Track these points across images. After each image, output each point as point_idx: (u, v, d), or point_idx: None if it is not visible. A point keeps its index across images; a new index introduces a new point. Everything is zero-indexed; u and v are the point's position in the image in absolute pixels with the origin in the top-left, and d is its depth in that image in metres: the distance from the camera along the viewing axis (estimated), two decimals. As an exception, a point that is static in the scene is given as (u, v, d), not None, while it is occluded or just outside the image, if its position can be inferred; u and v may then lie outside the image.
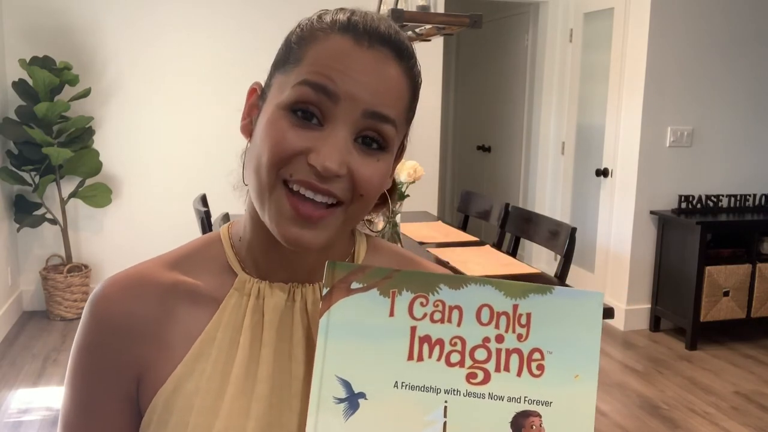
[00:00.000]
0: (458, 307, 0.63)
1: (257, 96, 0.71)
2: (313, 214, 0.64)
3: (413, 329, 0.63)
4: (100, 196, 4.02)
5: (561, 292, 0.63)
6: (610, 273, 4.24)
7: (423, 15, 2.52)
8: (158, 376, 0.69)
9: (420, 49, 4.64)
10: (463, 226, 3.60)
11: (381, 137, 0.66)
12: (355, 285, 0.64)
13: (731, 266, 3.82)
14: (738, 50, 4.03)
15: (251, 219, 0.72)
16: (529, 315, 0.63)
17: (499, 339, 0.63)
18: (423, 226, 3.30)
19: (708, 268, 3.77)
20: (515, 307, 0.63)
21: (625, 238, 4.12)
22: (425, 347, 0.62)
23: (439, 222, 3.47)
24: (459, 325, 0.63)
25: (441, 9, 3.93)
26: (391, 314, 0.63)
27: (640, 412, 3.08)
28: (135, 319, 0.70)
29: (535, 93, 4.99)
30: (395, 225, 2.70)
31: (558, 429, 0.61)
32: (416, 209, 3.83)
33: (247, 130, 0.71)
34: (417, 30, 2.85)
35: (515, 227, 3.17)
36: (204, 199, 3.05)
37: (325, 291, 0.64)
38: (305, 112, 0.64)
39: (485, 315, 0.63)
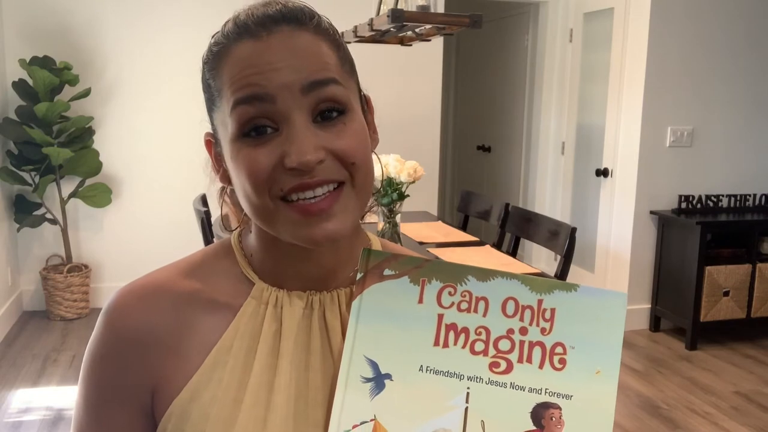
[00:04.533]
0: (484, 299, 0.65)
1: (213, 144, 0.71)
2: (322, 205, 0.63)
3: (440, 317, 0.65)
4: (100, 196, 4.02)
5: (586, 290, 0.65)
6: (610, 273, 4.24)
7: (423, 15, 2.52)
8: (174, 386, 0.67)
9: (420, 49, 4.61)
10: (463, 226, 3.60)
11: (334, 102, 0.64)
12: (387, 272, 0.66)
13: (731, 266, 3.82)
14: (738, 50, 4.03)
15: (258, 234, 0.72)
16: (553, 310, 0.65)
17: (523, 331, 0.65)
18: (423, 226, 3.30)
19: (708, 268, 3.77)
20: (540, 302, 0.65)
21: (625, 238, 4.12)
22: (451, 334, 0.65)
23: (439, 222, 3.47)
24: (485, 315, 0.65)
25: (441, 9, 3.92)
26: (420, 301, 0.65)
27: (640, 412, 3.08)
28: (151, 330, 0.69)
29: (535, 93, 4.99)
30: (395, 225, 2.70)
31: (578, 422, 0.63)
32: (416, 209, 3.83)
33: (225, 177, 0.71)
34: (417, 30, 2.85)
35: (515, 227, 3.17)
36: (204, 199, 3.05)
37: (359, 276, 0.66)
38: (256, 129, 0.63)
39: (510, 307, 0.65)
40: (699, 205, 4.02)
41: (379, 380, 0.63)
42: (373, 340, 0.64)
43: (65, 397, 3.05)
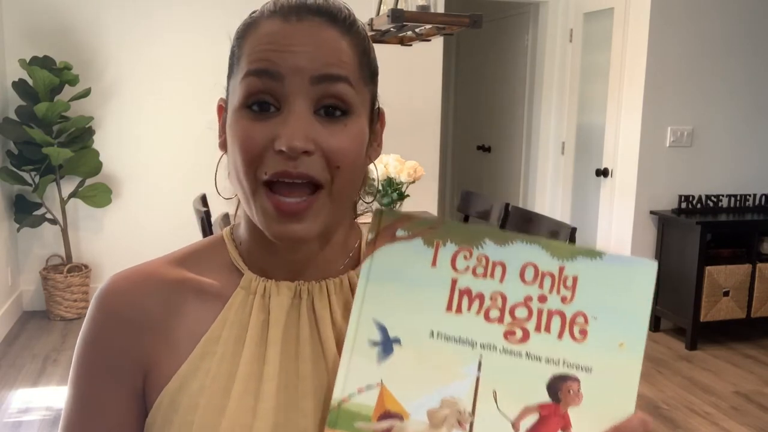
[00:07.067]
0: (502, 264, 0.62)
1: (224, 110, 0.72)
2: (295, 208, 0.64)
3: (454, 281, 0.62)
4: (100, 196, 4.02)
5: (613, 258, 0.61)
6: (610, 273, 4.24)
7: (423, 15, 2.52)
8: (164, 374, 0.68)
9: (420, 49, 4.62)
10: (463, 226, 3.59)
11: (340, 100, 0.64)
12: (400, 233, 0.63)
13: (731, 266, 3.82)
14: (738, 50, 4.03)
15: (247, 223, 0.72)
16: (575, 278, 0.61)
17: (542, 299, 0.61)
18: (423, 226, 3.30)
19: (708, 268, 3.77)
20: (561, 268, 0.62)
21: (625, 238, 4.12)
22: (465, 300, 0.61)
23: (439, 222, 3.47)
24: (501, 281, 0.62)
25: (441, 9, 3.92)
26: (434, 264, 0.62)
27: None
28: (142, 311, 0.69)
29: (535, 93, 4.99)
30: (395, 225, 2.69)
31: (598, 396, 0.60)
32: (416, 209, 3.83)
33: (224, 144, 0.72)
34: (417, 30, 2.85)
35: (515, 227, 3.17)
36: (204, 199, 3.05)
37: (370, 236, 0.64)
38: (260, 104, 0.64)
39: (529, 273, 0.62)
40: (699, 205, 4.02)
41: (387, 344, 0.61)
42: (383, 302, 0.62)
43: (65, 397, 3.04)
